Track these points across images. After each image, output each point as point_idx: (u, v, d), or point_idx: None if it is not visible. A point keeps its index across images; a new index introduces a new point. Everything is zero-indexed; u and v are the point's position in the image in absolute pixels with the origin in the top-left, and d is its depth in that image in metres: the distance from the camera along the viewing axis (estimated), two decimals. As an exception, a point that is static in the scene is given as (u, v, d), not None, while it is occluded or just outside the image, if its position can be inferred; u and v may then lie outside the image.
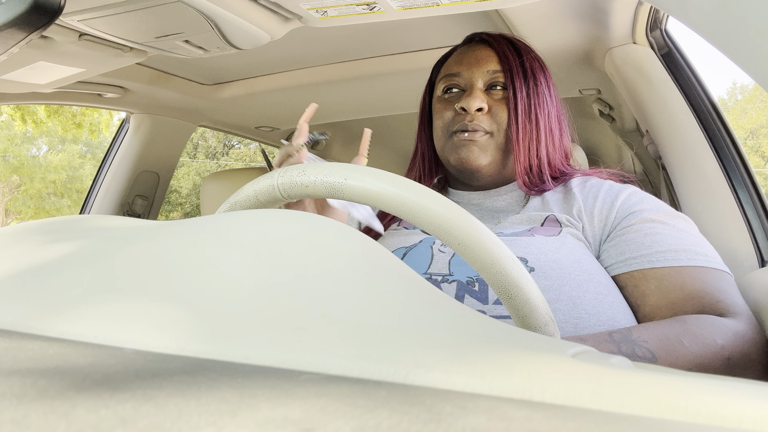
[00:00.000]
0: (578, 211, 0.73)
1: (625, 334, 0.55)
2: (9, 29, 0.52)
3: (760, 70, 0.26)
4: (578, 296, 0.61)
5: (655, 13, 1.00)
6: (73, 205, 15.69)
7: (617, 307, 0.62)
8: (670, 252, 0.64)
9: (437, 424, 0.11)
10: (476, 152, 0.78)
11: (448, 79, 0.84)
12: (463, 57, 0.84)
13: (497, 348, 0.17)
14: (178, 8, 0.75)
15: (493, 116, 0.79)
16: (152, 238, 0.26)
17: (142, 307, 0.19)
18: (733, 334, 0.56)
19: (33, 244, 0.28)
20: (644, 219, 0.68)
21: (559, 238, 0.68)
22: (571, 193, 0.76)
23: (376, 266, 0.24)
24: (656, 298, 0.63)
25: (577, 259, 0.65)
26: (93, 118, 10.17)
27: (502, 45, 0.83)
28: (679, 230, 0.67)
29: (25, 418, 0.12)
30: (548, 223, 0.72)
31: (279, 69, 1.42)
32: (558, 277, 0.62)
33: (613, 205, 0.71)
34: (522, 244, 0.67)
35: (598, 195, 0.74)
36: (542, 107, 0.80)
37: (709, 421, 0.13)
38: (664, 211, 0.70)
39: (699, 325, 0.56)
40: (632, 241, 0.67)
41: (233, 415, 0.12)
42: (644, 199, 0.72)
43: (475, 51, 0.83)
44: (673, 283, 0.63)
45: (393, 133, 2.09)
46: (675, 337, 0.55)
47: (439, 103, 0.85)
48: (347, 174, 0.40)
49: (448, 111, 0.82)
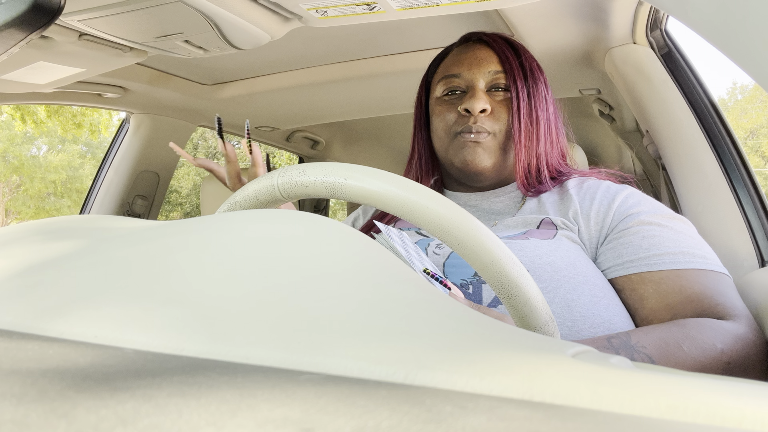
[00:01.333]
0: (574, 213, 0.72)
1: (624, 340, 0.55)
2: (9, 29, 0.52)
3: (760, 70, 0.26)
4: (573, 299, 0.61)
5: (655, 13, 1.00)
6: (73, 205, 15.69)
7: (613, 309, 0.62)
8: (668, 255, 0.64)
9: (437, 424, 0.11)
10: (481, 154, 0.78)
11: (448, 80, 0.83)
12: (462, 57, 0.83)
13: (497, 348, 0.17)
14: (178, 8, 0.75)
15: (495, 117, 0.79)
16: (152, 238, 0.26)
17: (142, 307, 0.19)
18: (732, 337, 0.56)
19: (33, 244, 0.28)
20: (642, 221, 0.68)
21: (554, 241, 0.68)
22: (567, 195, 0.76)
23: (376, 266, 0.24)
24: (654, 301, 0.63)
25: (572, 262, 0.64)
26: (93, 119, 10.17)
27: (501, 45, 0.82)
28: (676, 232, 0.67)
29: (25, 418, 0.12)
30: (543, 226, 0.72)
31: (279, 69, 1.42)
32: (552, 279, 0.62)
33: (611, 207, 0.71)
34: (516, 247, 0.67)
35: (595, 196, 0.74)
36: (541, 106, 0.80)
37: (709, 421, 0.13)
38: (662, 213, 0.69)
39: (698, 330, 0.56)
40: (630, 244, 0.66)
41: (233, 415, 0.12)
42: (642, 201, 0.72)
43: (475, 51, 0.83)
44: (671, 286, 0.62)
45: (392, 133, 2.09)
46: (674, 342, 0.54)
47: (439, 105, 0.84)
48: (347, 174, 0.40)
49: (450, 113, 0.81)
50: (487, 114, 0.78)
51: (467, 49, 0.84)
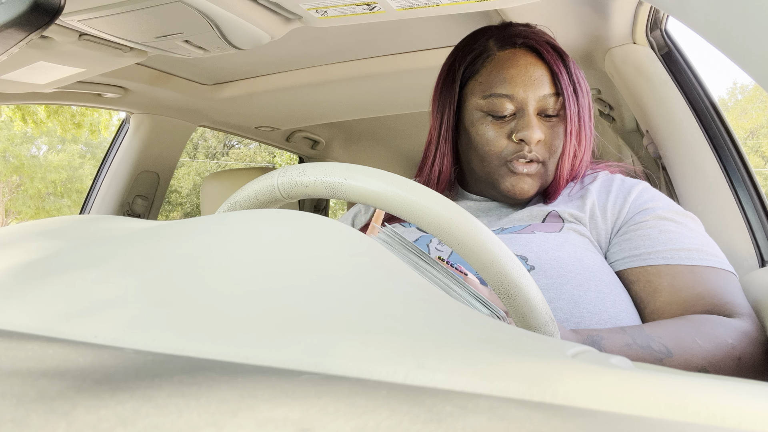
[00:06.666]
0: (591, 205, 0.72)
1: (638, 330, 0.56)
2: (9, 29, 0.52)
3: (760, 70, 0.26)
4: (579, 295, 0.61)
5: (655, 13, 1.00)
6: (73, 205, 15.69)
7: (620, 306, 0.63)
8: (683, 251, 0.65)
9: (437, 424, 0.11)
10: (529, 184, 0.74)
11: (498, 100, 0.73)
12: (513, 73, 0.74)
13: (497, 348, 0.17)
14: (178, 8, 0.75)
15: (547, 145, 0.74)
16: (152, 239, 0.26)
17: (142, 307, 0.19)
18: (741, 333, 0.57)
19: (33, 245, 0.28)
20: (658, 216, 0.69)
21: (561, 235, 0.68)
22: (584, 189, 0.76)
23: (376, 266, 0.24)
24: (668, 295, 0.63)
25: (579, 257, 0.65)
26: (92, 119, 10.18)
27: (554, 57, 0.74)
28: (690, 230, 0.68)
29: (25, 418, 0.12)
30: (550, 219, 0.72)
31: (279, 69, 1.42)
32: (559, 275, 0.62)
33: (626, 200, 0.72)
34: (522, 242, 0.67)
35: (611, 189, 0.74)
36: (587, 122, 0.76)
37: (709, 421, 0.13)
38: (676, 210, 0.71)
39: (709, 325, 0.57)
40: (647, 237, 0.67)
41: (233, 415, 0.12)
42: (656, 197, 0.73)
43: (527, 67, 0.74)
44: (685, 281, 0.63)
45: (392, 133, 2.09)
46: (688, 335, 0.55)
47: (483, 124, 0.75)
48: (347, 174, 0.40)
49: (500, 138, 0.74)
50: (541, 142, 0.73)
51: (516, 59, 0.75)
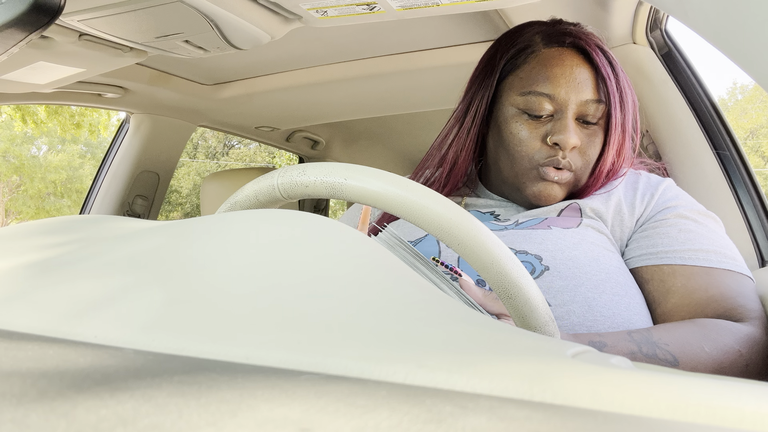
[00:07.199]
0: (617, 201, 0.71)
1: (645, 336, 0.55)
2: (9, 29, 0.52)
3: (760, 70, 0.26)
4: (594, 297, 0.60)
5: (655, 13, 1.00)
6: (73, 205, 15.69)
7: (634, 308, 0.62)
8: (701, 252, 0.64)
9: (437, 424, 0.11)
10: (557, 191, 0.71)
11: (537, 98, 0.70)
12: (557, 72, 0.70)
13: (497, 348, 0.17)
14: (178, 8, 0.75)
15: (582, 153, 0.70)
16: (152, 239, 0.26)
17: (142, 307, 0.19)
18: (749, 340, 0.56)
19: (33, 245, 0.28)
20: (679, 215, 0.68)
21: (578, 231, 0.66)
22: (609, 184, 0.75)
23: (376, 266, 0.24)
24: (681, 295, 0.63)
25: (595, 257, 0.63)
26: (92, 119, 10.18)
27: (603, 62, 0.70)
28: (710, 231, 0.67)
29: (25, 418, 0.12)
30: (567, 212, 0.70)
31: (279, 69, 1.42)
32: (574, 276, 0.61)
33: (653, 197, 0.71)
34: (537, 239, 0.64)
35: (638, 186, 0.73)
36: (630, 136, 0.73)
37: (709, 421, 0.13)
38: (698, 210, 0.70)
39: (718, 331, 0.56)
40: (666, 235, 0.67)
41: (233, 415, 0.12)
42: (679, 195, 0.72)
43: (573, 68, 0.70)
44: (699, 283, 0.63)
45: (392, 133, 2.09)
46: (696, 342, 0.55)
47: (518, 123, 0.71)
48: (347, 174, 0.40)
49: (534, 139, 0.70)
50: (576, 149, 0.70)
51: (562, 58, 0.71)
